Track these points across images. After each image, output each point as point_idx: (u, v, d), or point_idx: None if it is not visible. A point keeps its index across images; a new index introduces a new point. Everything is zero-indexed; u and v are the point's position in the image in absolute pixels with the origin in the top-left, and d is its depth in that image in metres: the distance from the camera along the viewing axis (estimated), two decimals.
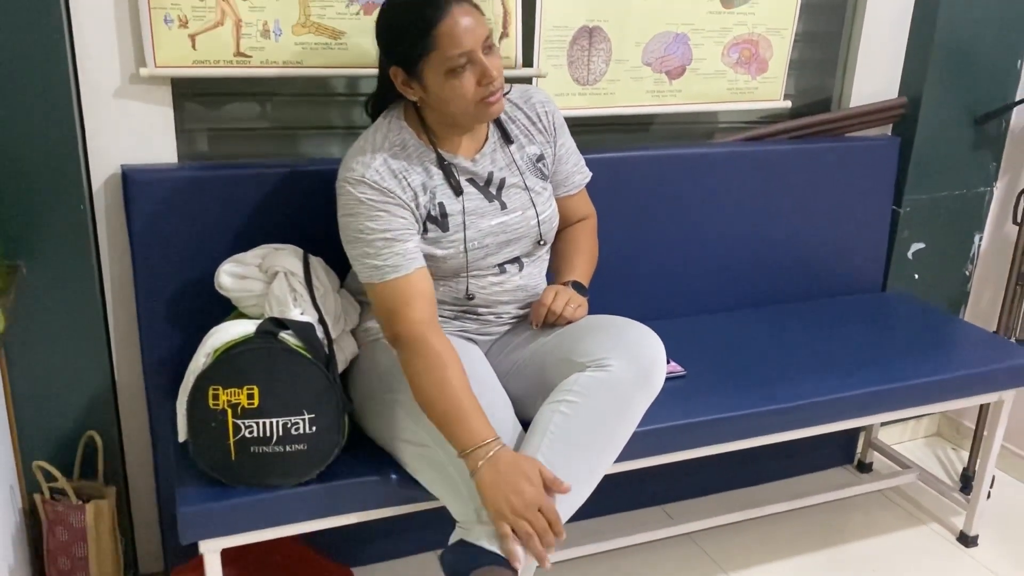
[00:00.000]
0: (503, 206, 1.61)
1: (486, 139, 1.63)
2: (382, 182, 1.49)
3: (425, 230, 1.55)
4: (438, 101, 1.50)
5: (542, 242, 1.68)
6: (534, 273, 1.70)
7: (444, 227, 1.56)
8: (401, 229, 1.50)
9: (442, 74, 1.46)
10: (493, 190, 1.61)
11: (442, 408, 1.43)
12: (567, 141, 1.74)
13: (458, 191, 1.57)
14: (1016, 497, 2.47)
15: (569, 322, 1.63)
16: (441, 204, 1.56)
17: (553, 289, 1.67)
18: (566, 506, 1.44)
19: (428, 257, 1.56)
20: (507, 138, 1.64)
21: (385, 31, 1.52)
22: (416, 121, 1.57)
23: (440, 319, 1.63)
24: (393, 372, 1.53)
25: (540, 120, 1.68)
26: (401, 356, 1.49)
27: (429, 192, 1.55)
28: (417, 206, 1.53)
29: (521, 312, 1.72)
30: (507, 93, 1.65)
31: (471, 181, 1.60)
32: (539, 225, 1.65)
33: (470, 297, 1.63)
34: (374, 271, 1.49)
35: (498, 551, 1.35)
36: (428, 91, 1.49)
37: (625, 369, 1.49)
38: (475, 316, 1.67)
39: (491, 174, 1.61)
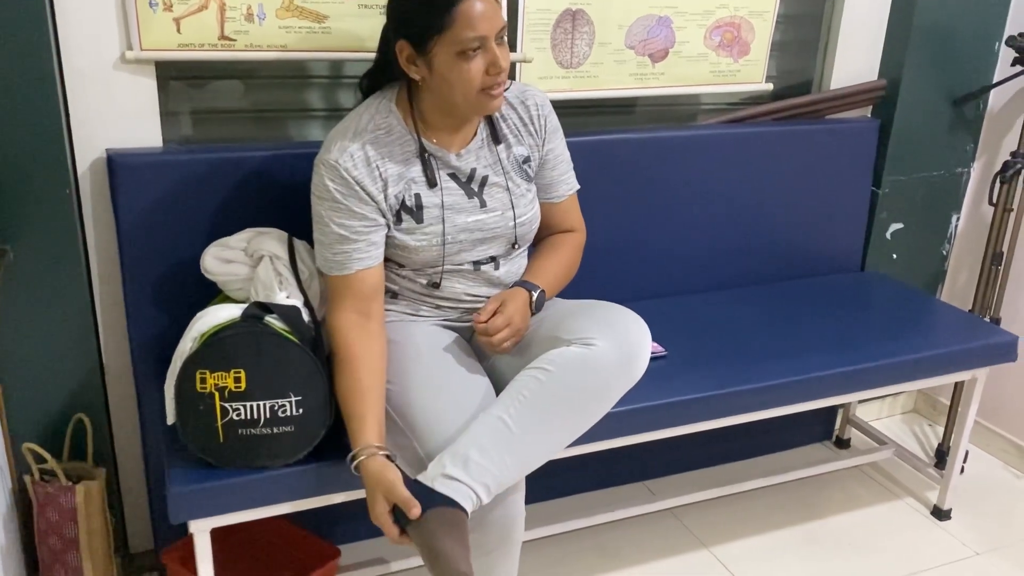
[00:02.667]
0: (483, 204, 1.61)
1: (474, 135, 1.62)
2: (352, 170, 1.51)
3: (399, 220, 1.56)
4: (441, 84, 1.49)
5: (516, 245, 1.68)
6: (512, 271, 1.70)
7: (419, 219, 1.57)
8: (357, 227, 1.52)
9: (452, 55, 1.45)
10: (475, 187, 1.61)
11: (341, 395, 1.50)
12: (557, 147, 1.72)
13: (432, 184, 1.57)
14: (989, 471, 2.53)
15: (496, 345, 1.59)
16: (418, 195, 1.57)
17: (499, 299, 1.62)
18: (516, 470, 1.45)
19: (401, 247, 1.57)
20: (496, 137, 1.64)
21: (401, 2, 1.50)
22: (407, 107, 1.57)
23: (418, 314, 1.67)
24: None
25: (533, 122, 1.67)
26: (326, 338, 1.56)
27: (405, 182, 1.56)
28: (386, 197, 1.54)
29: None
30: (506, 89, 1.64)
31: (452, 176, 1.60)
32: (516, 228, 1.65)
33: (435, 285, 1.64)
34: (323, 261, 1.56)
35: (450, 494, 1.37)
36: (433, 71, 1.48)
37: (609, 350, 1.50)
38: (450, 309, 1.68)
39: (474, 171, 1.61)
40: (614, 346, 1.51)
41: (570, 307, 1.65)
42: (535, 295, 1.64)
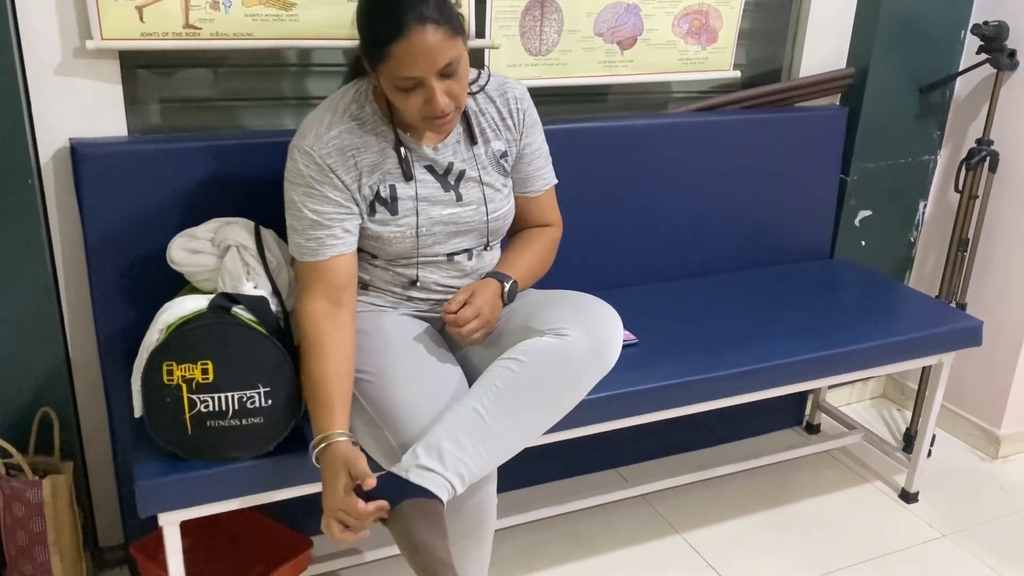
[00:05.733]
0: (459, 198, 1.61)
1: (450, 132, 1.61)
2: (327, 158, 1.50)
3: (373, 211, 1.56)
4: (392, 101, 1.49)
5: (488, 241, 1.67)
6: (485, 263, 1.70)
7: (393, 210, 1.56)
8: (331, 213, 1.51)
9: (391, 85, 1.45)
10: (451, 180, 1.61)
11: (306, 381, 1.49)
12: (535, 141, 1.71)
13: (408, 176, 1.57)
14: (955, 455, 2.57)
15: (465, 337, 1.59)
16: (393, 187, 1.56)
17: (469, 290, 1.61)
18: (491, 460, 1.45)
19: (375, 238, 1.57)
20: (472, 135, 1.62)
21: (357, 15, 1.48)
22: (383, 98, 1.55)
23: (389, 305, 1.66)
24: None
25: (512, 116, 1.66)
26: (297, 329, 1.55)
27: (379, 173, 1.55)
28: (360, 187, 1.54)
29: None
30: (485, 86, 1.64)
31: (429, 168, 1.59)
32: (488, 224, 1.64)
33: (413, 283, 1.64)
34: (295, 247, 1.54)
35: (425, 484, 1.37)
36: (385, 89, 1.48)
37: (581, 340, 1.51)
38: (421, 300, 1.68)
39: (451, 164, 1.61)
40: (586, 336, 1.51)
41: (543, 297, 1.65)
42: (507, 286, 1.64)
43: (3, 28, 1.56)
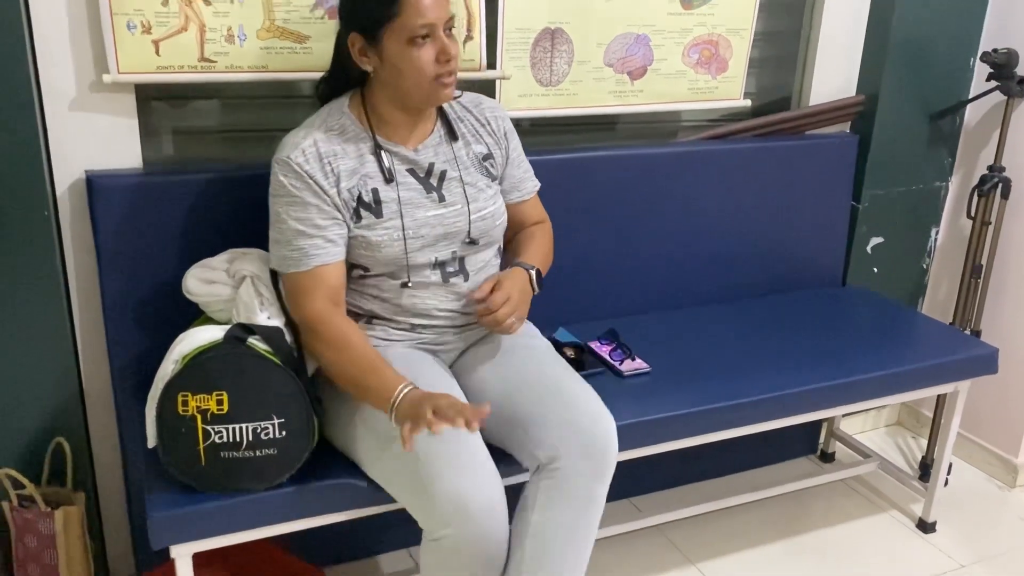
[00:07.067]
0: (441, 198, 1.62)
1: (432, 131, 1.64)
2: (305, 165, 1.52)
3: (358, 217, 1.56)
4: (393, 73, 1.52)
5: (470, 239, 1.64)
6: (482, 282, 1.66)
7: (378, 213, 1.57)
8: (315, 220, 1.52)
9: (403, 42, 1.48)
10: (433, 181, 1.62)
11: (351, 374, 1.51)
12: (517, 146, 1.76)
13: (389, 179, 1.58)
14: (972, 483, 2.54)
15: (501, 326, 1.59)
16: (375, 191, 1.57)
17: (494, 279, 1.63)
18: None
19: (363, 245, 1.57)
20: (452, 135, 1.66)
21: None
22: (360, 107, 1.59)
23: (391, 338, 1.65)
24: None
25: (489, 124, 1.71)
26: (304, 340, 1.55)
27: (359, 177, 1.56)
28: (339, 191, 1.54)
29: (470, 321, 1.70)
30: (458, 97, 1.69)
31: (411, 171, 1.61)
32: (471, 222, 1.63)
33: (405, 285, 1.61)
34: (280, 260, 1.55)
35: None
36: (384, 61, 1.51)
37: (578, 465, 1.51)
38: (425, 328, 1.66)
39: (432, 165, 1.63)
40: (583, 458, 1.52)
41: (535, 387, 1.60)
42: (532, 273, 1.67)
43: (22, 62, 1.58)
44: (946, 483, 2.31)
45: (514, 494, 1.54)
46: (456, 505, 1.41)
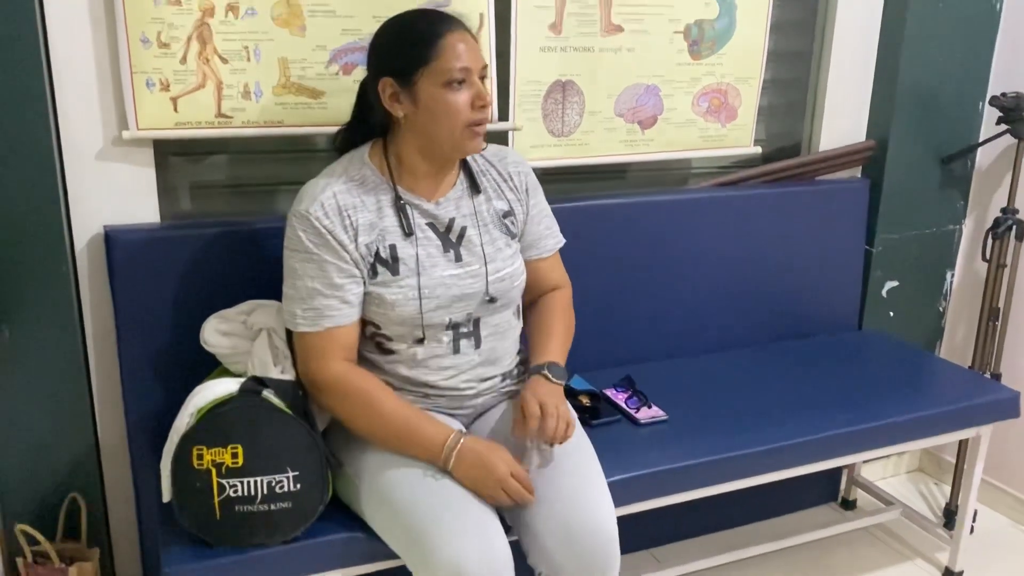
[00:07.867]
0: (458, 258, 1.59)
1: (454, 184, 1.62)
2: (323, 219, 1.49)
3: (375, 273, 1.54)
4: (426, 118, 1.49)
5: (489, 298, 1.60)
6: (496, 348, 1.65)
7: (394, 271, 1.54)
8: (332, 278, 1.50)
9: (439, 85, 1.47)
10: (453, 238, 1.59)
11: (390, 432, 1.51)
12: (540, 202, 1.72)
13: (409, 232, 1.56)
14: (998, 530, 2.49)
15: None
16: (393, 247, 1.54)
17: (535, 399, 1.56)
18: None
19: (378, 303, 1.54)
20: (475, 188, 1.64)
21: (386, 40, 1.52)
22: (381, 156, 1.56)
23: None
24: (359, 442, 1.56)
25: (511, 179, 1.67)
26: (323, 401, 1.54)
27: (378, 232, 1.54)
28: (357, 246, 1.52)
29: (484, 386, 1.66)
30: (483, 150, 1.66)
31: (431, 226, 1.58)
32: (489, 284, 1.60)
33: (419, 341, 1.57)
34: (291, 318, 1.54)
35: None
36: (419, 106, 1.49)
37: None
38: (436, 395, 1.62)
39: (452, 220, 1.59)
40: (579, 570, 1.48)
41: (540, 484, 1.54)
42: (545, 372, 1.62)
43: (43, 119, 1.61)
44: (972, 530, 2.26)
45: None
46: (454, 572, 1.37)
